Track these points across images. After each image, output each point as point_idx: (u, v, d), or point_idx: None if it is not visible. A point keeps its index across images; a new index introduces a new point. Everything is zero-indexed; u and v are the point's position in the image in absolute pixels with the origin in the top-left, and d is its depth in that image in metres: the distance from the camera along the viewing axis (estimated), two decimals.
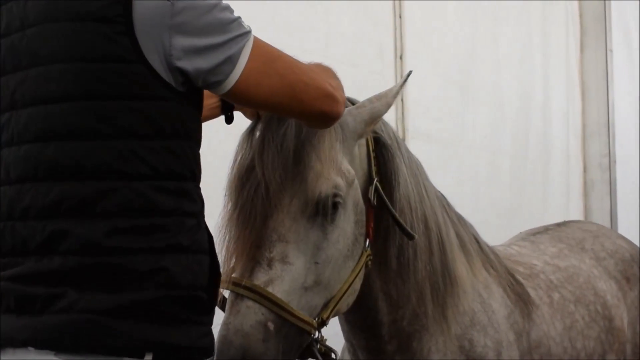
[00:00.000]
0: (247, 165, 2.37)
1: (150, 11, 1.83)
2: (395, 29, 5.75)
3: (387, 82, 5.30)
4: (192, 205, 1.91)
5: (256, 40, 1.96)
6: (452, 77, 6.35)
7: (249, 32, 1.95)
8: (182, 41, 1.84)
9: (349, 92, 2.46)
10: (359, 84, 5.06)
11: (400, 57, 5.77)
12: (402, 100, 5.71)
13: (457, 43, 6.38)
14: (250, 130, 2.43)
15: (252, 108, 2.29)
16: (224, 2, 1.92)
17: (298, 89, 2.00)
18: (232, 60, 1.90)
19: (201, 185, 2.01)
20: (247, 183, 2.33)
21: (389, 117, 5.80)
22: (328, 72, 2.22)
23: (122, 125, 1.82)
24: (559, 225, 4.19)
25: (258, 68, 1.93)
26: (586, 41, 8.16)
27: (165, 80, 1.85)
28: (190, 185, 1.93)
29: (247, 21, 1.94)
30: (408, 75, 2.63)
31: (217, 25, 1.89)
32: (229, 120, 2.43)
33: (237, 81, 1.91)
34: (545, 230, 4.10)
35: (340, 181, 2.36)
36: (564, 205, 7.66)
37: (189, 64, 1.86)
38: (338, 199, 2.34)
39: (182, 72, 1.87)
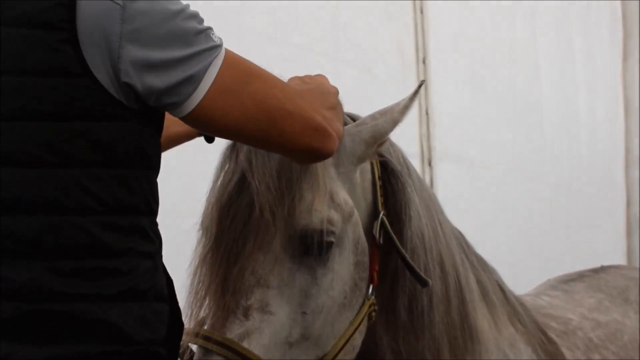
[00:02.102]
0: (226, 192, 2.35)
1: (97, 15, 1.81)
2: (416, 26, 5.83)
3: (408, 91, 5.43)
4: (147, 245, 1.90)
5: (229, 55, 1.92)
6: (486, 87, 6.47)
7: (219, 45, 1.90)
8: (134, 53, 1.81)
9: (361, 102, 2.50)
10: (373, 92, 5.15)
11: (423, 61, 5.83)
12: (427, 113, 5.79)
13: (491, 46, 6.50)
14: (231, 149, 2.41)
15: (220, 137, 2.17)
16: (191, 9, 1.89)
17: (278, 117, 1.95)
18: (193, 80, 1.85)
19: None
20: (224, 214, 2.33)
21: (412, 134, 5.80)
22: (326, 97, 2.16)
23: (65, 151, 1.81)
24: (595, 271, 4.14)
25: (227, 89, 1.89)
26: (630, 46, 8.19)
27: (114, 97, 1.83)
28: (146, 221, 1.91)
29: (242, 17, 1.73)
30: (420, 85, 2.54)
31: (180, 35, 1.84)
32: (210, 139, 2.47)
33: (198, 104, 1.86)
34: (580, 277, 4.07)
35: (334, 215, 2.33)
36: (604, 245, 7.69)
37: (138, 81, 1.82)
38: (331, 237, 2.31)
39: (131, 88, 1.84)
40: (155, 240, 1.93)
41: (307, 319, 2.29)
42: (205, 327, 2.26)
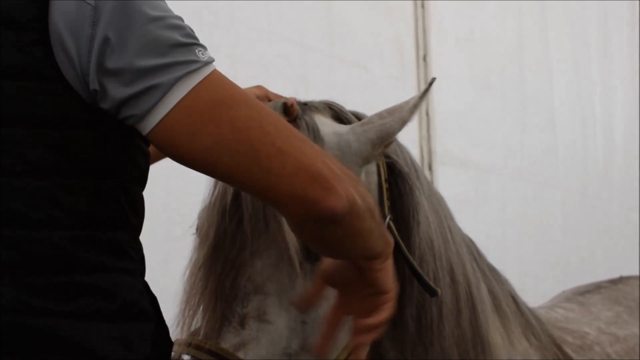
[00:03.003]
0: (225, 196, 2.35)
1: (67, 15, 1.78)
2: (416, 21, 5.82)
3: (407, 90, 5.48)
4: (125, 262, 1.88)
5: (216, 76, 1.79)
6: (492, 85, 6.43)
7: (204, 62, 1.78)
8: (102, 58, 1.76)
9: (358, 102, 2.51)
10: (369, 91, 5.23)
11: (424, 58, 5.81)
12: (427, 114, 5.78)
13: (498, 41, 6.48)
14: None
15: (187, 166, 1.95)
16: (179, 21, 1.80)
17: (264, 153, 1.75)
18: (155, 92, 1.74)
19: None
20: (221, 219, 2.33)
21: (411, 136, 5.78)
22: (331, 159, 1.88)
23: (32, 159, 1.79)
24: (613, 282, 4.13)
25: (200, 111, 1.75)
26: None
27: (87, 103, 1.79)
28: (123, 236, 1.88)
29: (234, 10, 1.63)
30: (431, 82, 2.49)
31: (151, 43, 1.76)
32: None
33: (161, 122, 1.75)
34: (597, 288, 4.06)
35: None
36: (621, 254, 7.63)
37: (100, 89, 1.77)
38: None
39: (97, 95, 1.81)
40: (134, 257, 1.91)
41: (307, 329, 2.30)
42: (199, 337, 2.27)
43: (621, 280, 4.14)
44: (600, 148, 7.58)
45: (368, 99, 2.45)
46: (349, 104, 2.49)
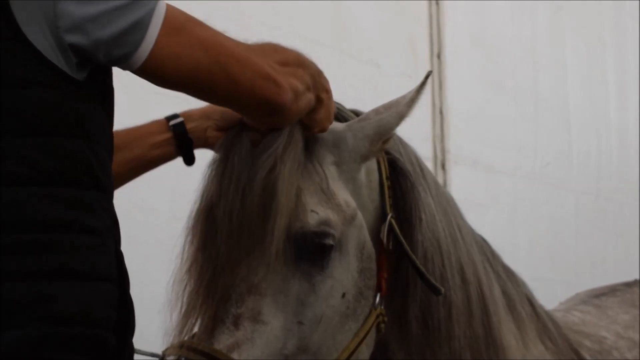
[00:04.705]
0: (217, 193, 2.36)
1: None
2: (430, 18, 5.80)
3: None
4: (93, 220, 1.91)
5: (169, 6, 1.97)
6: (505, 85, 6.42)
7: None
8: (72, 7, 1.85)
9: (368, 99, 2.51)
10: (381, 89, 5.23)
11: (438, 56, 5.82)
12: (440, 112, 5.78)
13: (511, 41, 6.45)
14: (224, 147, 2.43)
15: (172, 89, 2.18)
16: None
17: (228, 64, 2.02)
18: (140, 26, 1.90)
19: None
20: (214, 217, 2.34)
21: (425, 134, 5.74)
22: (280, 53, 2.23)
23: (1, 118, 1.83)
24: (629, 284, 4.03)
25: (175, 36, 1.95)
26: None
27: (51, 63, 1.86)
28: (91, 195, 1.93)
29: (244, 6, 1.65)
30: (427, 76, 2.51)
31: None
32: (190, 160, 2.53)
33: (150, 52, 1.91)
34: (613, 291, 3.96)
35: (332, 216, 2.33)
36: (634, 257, 7.45)
37: (83, 36, 1.86)
38: (328, 240, 2.31)
39: (76, 49, 1.87)
40: (104, 216, 1.94)
41: (304, 330, 2.29)
42: (192, 339, 2.26)
43: (636, 283, 4.05)
44: (614, 150, 7.54)
45: (379, 97, 2.45)
46: (360, 102, 2.48)
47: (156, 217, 4.27)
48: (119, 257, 2.01)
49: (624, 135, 7.70)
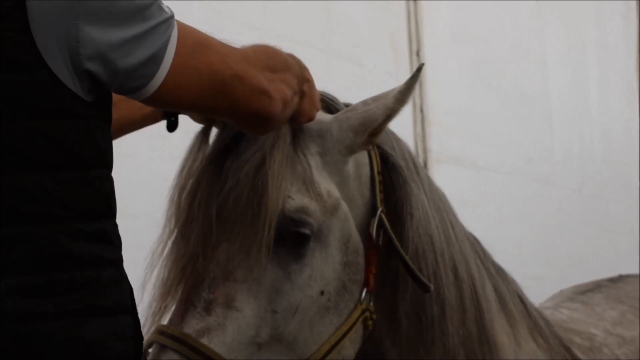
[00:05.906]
0: (194, 178, 2.40)
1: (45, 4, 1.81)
2: (408, 15, 5.83)
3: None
4: (112, 251, 1.93)
5: (180, 26, 1.97)
6: (489, 81, 6.44)
7: (171, 17, 1.95)
8: (95, 34, 1.84)
9: (353, 97, 2.53)
10: (365, 86, 5.33)
11: (417, 53, 5.84)
12: (421, 111, 5.77)
13: (493, 37, 6.49)
14: (203, 134, 2.47)
15: (176, 111, 2.36)
16: None
17: (231, 85, 2.05)
18: (156, 59, 1.91)
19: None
20: (192, 201, 2.37)
21: (406, 133, 5.83)
22: (272, 58, 2.24)
23: (27, 154, 1.82)
24: (613, 280, 4.11)
25: (186, 64, 1.96)
26: None
27: (72, 92, 1.85)
28: (109, 225, 1.94)
29: (230, 6, 1.65)
30: (419, 69, 2.51)
31: (134, 10, 1.88)
32: (172, 126, 2.53)
33: (162, 83, 1.93)
34: (598, 287, 4.03)
35: (310, 204, 2.34)
36: (619, 253, 7.62)
37: (103, 66, 1.86)
38: (305, 229, 2.33)
39: (91, 75, 1.86)
40: (117, 245, 1.94)
41: (277, 319, 2.30)
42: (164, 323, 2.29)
43: (621, 278, 4.11)
44: (597, 145, 7.59)
45: (363, 95, 2.47)
46: (343, 99, 2.50)
47: (137, 222, 4.30)
48: (128, 283, 2.00)
49: (606, 132, 7.75)
